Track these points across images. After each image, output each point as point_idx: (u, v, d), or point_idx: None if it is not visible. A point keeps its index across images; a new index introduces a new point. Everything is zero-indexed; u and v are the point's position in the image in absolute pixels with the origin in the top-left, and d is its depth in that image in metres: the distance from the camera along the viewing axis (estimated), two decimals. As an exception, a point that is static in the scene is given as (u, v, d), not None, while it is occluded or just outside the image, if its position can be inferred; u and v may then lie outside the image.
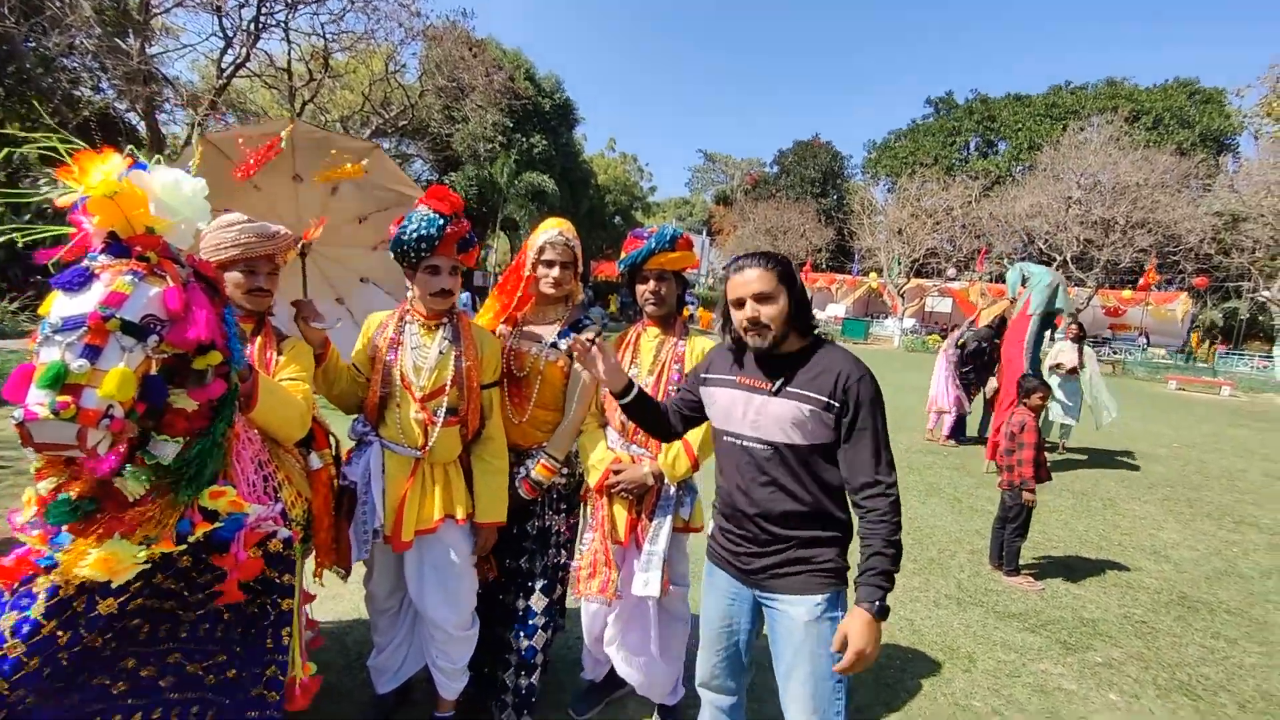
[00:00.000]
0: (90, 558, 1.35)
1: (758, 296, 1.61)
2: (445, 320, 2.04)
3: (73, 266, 1.29)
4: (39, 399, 1.13)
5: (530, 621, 2.19)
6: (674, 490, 2.14)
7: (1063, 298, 6.51)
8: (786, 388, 1.62)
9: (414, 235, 1.86)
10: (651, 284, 2.16)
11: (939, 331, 27.39)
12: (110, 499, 1.37)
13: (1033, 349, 6.61)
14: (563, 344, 2.18)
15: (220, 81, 14.74)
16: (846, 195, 34.21)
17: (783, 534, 1.64)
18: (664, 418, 1.91)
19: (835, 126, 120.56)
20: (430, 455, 1.99)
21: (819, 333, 1.74)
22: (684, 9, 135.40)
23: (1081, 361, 7.36)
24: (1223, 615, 3.68)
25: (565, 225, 2.22)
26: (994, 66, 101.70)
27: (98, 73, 14.75)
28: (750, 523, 1.68)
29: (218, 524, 1.50)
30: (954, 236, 26.93)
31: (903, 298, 26.75)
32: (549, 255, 2.15)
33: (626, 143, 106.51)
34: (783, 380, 1.62)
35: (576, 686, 2.49)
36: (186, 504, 1.46)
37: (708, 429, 2.05)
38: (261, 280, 1.86)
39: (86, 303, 1.22)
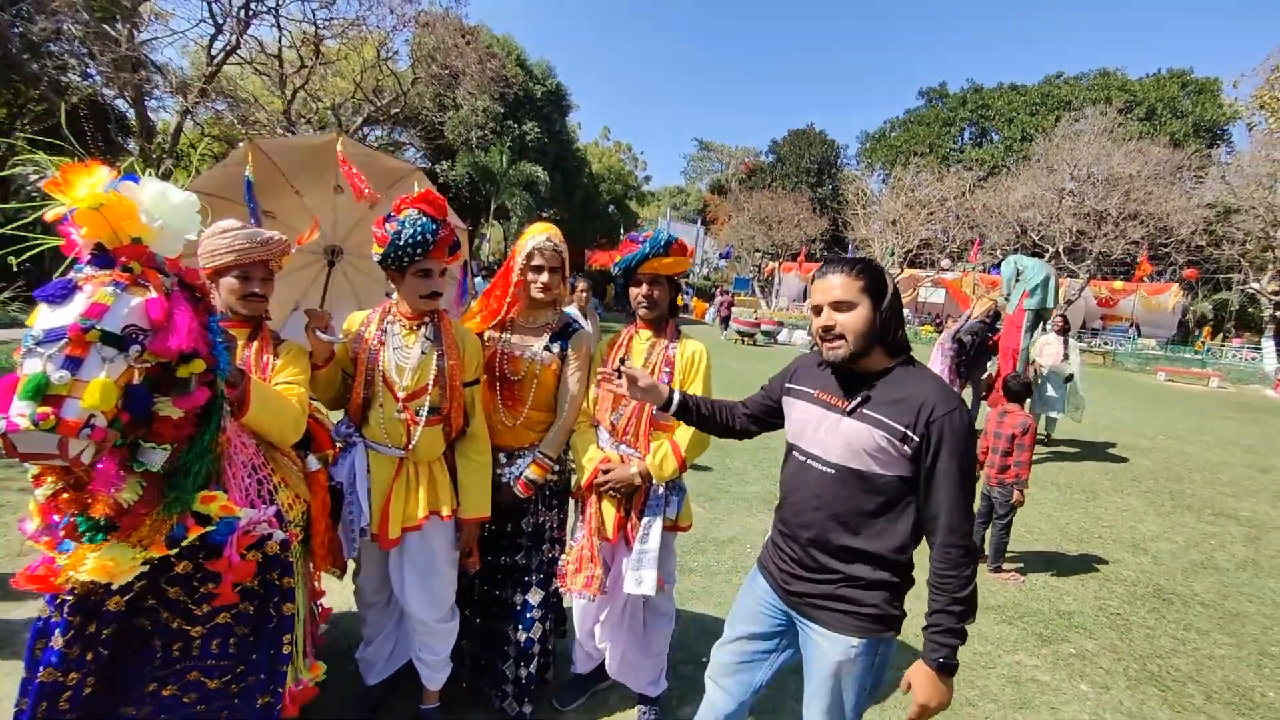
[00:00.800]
0: (89, 563, 1.40)
1: (836, 304, 1.50)
2: (426, 320, 2.06)
3: (57, 279, 1.31)
4: (20, 410, 1.16)
5: (528, 615, 2.28)
6: (662, 490, 2.19)
7: (1053, 292, 6.57)
8: (862, 409, 1.50)
9: (409, 240, 1.89)
10: (645, 288, 2.19)
11: (932, 322, 27.51)
12: (117, 511, 1.41)
13: (1026, 347, 6.70)
14: (555, 349, 2.26)
15: (210, 68, 14.57)
16: (841, 185, 34.11)
17: (831, 566, 1.54)
18: (722, 417, 1.89)
19: (830, 116, 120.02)
20: (414, 454, 2.03)
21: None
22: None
23: (1066, 354, 7.45)
24: (1196, 607, 3.78)
25: (552, 230, 2.26)
26: (987, 57, 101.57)
27: (86, 59, 14.52)
28: (799, 546, 1.60)
29: (210, 528, 1.54)
30: (948, 227, 26.96)
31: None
32: (538, 261, 2.19)
33: (621, 131, 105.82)
34: (860, 400, 1.51)
35: (563, 679, 2.56)
36: (178, 510, 1.49)
37: (696, 430, 2.10)
38: (256, 285, 1.87)
39: (68, 315, 1.24)
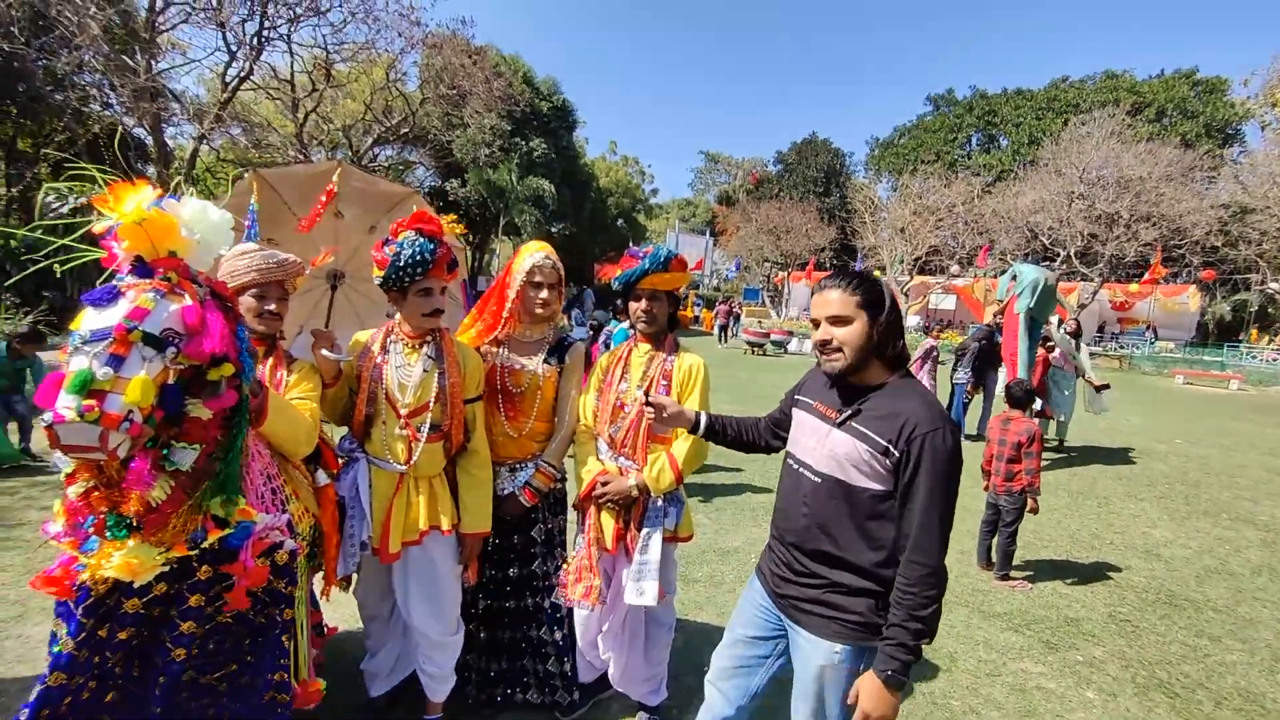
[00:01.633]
0: (114, 560, 1.47)
1: (833, 319, 1.54)
2: (429, 339, 2.13)
3: (102, 285, 1.43)
4: (67, 403, 1.26)
5: (557, 615, 2.41)
6: (660, 502, 2.22)
7: (1041, 295, 6.53)
8: (851, 421, 1.53)
9: (408, 260, 1.95)
10: (644, 303, 2.24)
11: (944, 329, 27.29)
12: (146, 510, 1.49)
13: (1026, 351, 6.67)
14: (553, 362, 2.34)
15: (225, 95, 14.96)
16: (849, 194, 34.12)
17: (816, 571, 1.58)
18: (748, 435, 1.95)
19: (836, 125, 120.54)
20: (414, 470, 2.09)
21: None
22: (683, 12, 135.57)
23: (1076, 355, 7.40)
24: (1209, 613, 3.73)
25: (548, 248, 2.34)
26: (992, 63, 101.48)
27: (106, 90, 15.00)
28: (786, 550, 1.65)
29: (228, 530, 1.61)
30: (957, 233, 26.85)
31: (906, 296, 26.67)
32: (538, 278, 2.25)
33: (628, 145, 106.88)
34: (851, 413, 1.54)
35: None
36: (222, 496, 1.57)
37: (694, 441, 2.14)
38: (272, 304, 1.97)
39: (113, 316, 1.35)
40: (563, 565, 2.39)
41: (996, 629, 3.38)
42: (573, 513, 2.46)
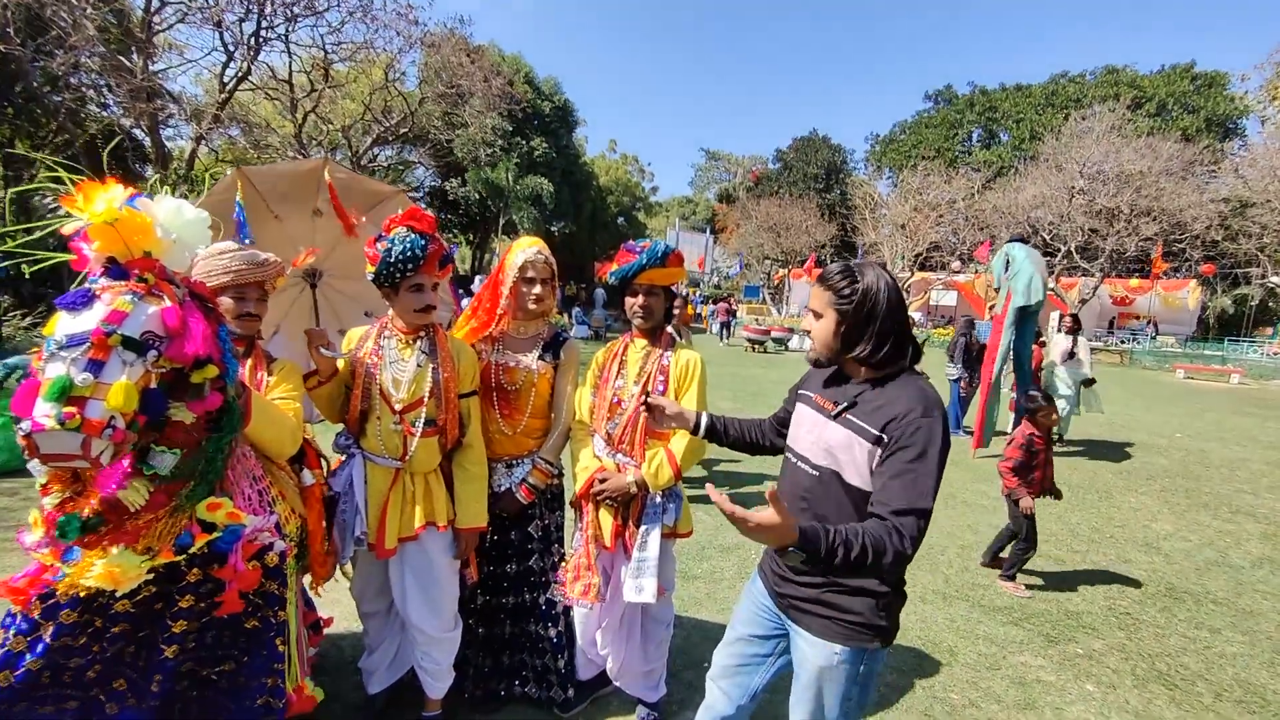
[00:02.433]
0: (95, 569, 1.44)
1: (813, 312, 1.59)
2: (422, 334, 2.12)
3: (75, 289, 1.38)
4: (45, 411, 1.21)
5: (553, 611, 2.39)
6: (659, 498, 2.21)
7: (1036, 290, 6.52)
8: (846, 414, 1.52)
9: (399, 256, 1.95)
10: (641, 298, 2.21)
11: (945, 324, 27.26)
12: (115, 513, 1.45)
13: (1011, 343, 6.66)
14: (548, 358, 2.33)
15: (223, 95, 14.93)
16: (849, 190, 34.07)
17: (813, 570, 1.54)
18: (751, 435, 1.93)
19: (836, 122, 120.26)
20: (410, 465, 2.08)
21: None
22: (681, 10, 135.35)
23: (1074, 352, 7.39)
24: (1209, 605, 3.72)
25: (540, 243, 2.31)
26: (993, 60, 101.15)
27: (103, 90, 14.96)
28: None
29: (216, 534, 1.59)
30: (957, 229, 26.85)
31: (907, 292, 26.66)
32: (531, 274, 2.24)
33: (628, 144, 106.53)
34: (846, 405, 1.53)
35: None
36: (203, 492, 1.55)
37: (693, 437, 2.13)
38: (251, 306, 1.94)
39: (89, 320, 1.31)
40: (560, 561, 2.39)
41: (997, 623, 3.37)
42: (570, 509, 2.45)
